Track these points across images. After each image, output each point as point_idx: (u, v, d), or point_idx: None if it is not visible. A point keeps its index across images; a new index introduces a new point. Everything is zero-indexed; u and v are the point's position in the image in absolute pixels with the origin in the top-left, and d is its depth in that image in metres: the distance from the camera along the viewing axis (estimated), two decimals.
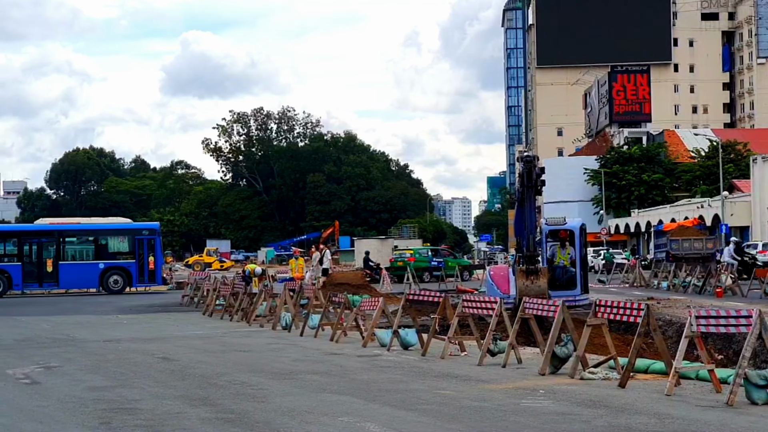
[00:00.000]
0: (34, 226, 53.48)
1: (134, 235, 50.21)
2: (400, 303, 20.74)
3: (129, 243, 49.69)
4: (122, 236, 50.67)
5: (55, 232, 49.67)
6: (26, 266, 47.69)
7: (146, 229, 51.78)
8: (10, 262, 47.80)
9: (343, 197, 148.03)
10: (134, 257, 48.80)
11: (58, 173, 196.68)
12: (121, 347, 21.28)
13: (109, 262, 48.79)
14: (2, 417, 11.73)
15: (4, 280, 46.90)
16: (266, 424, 11.06)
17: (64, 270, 47.78)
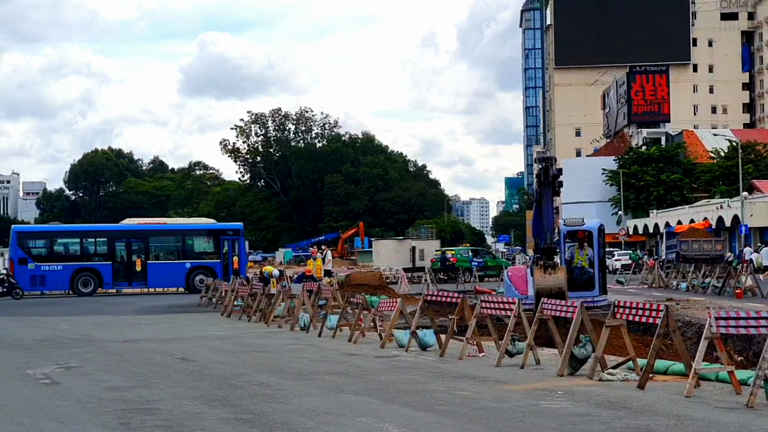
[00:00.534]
0: (123, 226, 54.27)
1: (219, 235, 51.27)
2: (418, 304, 20.71)
3: (214, 243, 50.72)
4: (207, 236, 51.75)
5: (144, 232, 50.90)
6: (116, 265, 48.90)
7: (230, 230, 52.86)
8: (101, 261, 48.87)
9: (361, 198, 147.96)
10: (219, 257, 49.89)
11: (76, 174, 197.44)
12: (140, 348, 21.33)
13: (195, 262, 49.76)
14: (23, 417, 11.78)
15: (95, 279, 48.02)
16: (285, 424, 11.07)
17: (152, 269, 48.76)
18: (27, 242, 49.27)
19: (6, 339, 23.98)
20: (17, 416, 11.83)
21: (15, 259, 47.49)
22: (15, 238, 48.66)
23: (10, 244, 49.03)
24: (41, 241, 50.38)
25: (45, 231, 55.80)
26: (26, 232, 52.51)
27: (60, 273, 47.59)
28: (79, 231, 56.42)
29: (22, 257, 47.70)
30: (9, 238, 50.41)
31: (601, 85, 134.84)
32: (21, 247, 48.42)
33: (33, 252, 48.45)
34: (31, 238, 50.73)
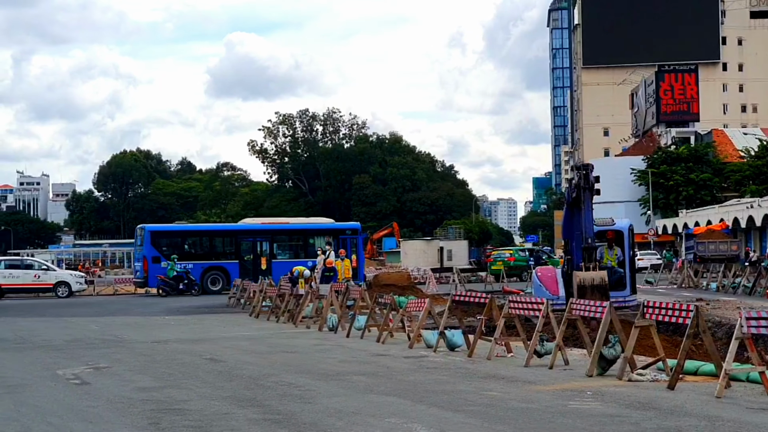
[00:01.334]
0: (250, 225, 55.87)
1: (338, 234, 52.18)
2: (447, 304, 20.68)
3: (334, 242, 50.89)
4: (327, 235, 52.55)
5: (269, 231, 52.67)
6: (243, 264, 50.08)
7: (349, 229, 54.06)
8: (229, 260, 50.17)
9: (389, 198, 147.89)
10: None
11: (105, 176, 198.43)
12: (169, 348, 21.41)
13: (316, 260, 49.60)
14: (53, 417, 11.84)
15: (223, 277, 49.05)
16: (313, 425, 11.07)
17: (276, 267, 49.28)
18: (160, 241, 50.52)
19: (36, 339, 24.13)
20: (48, 416, 11.90)
21: (149, 257, 48.67)
22: (149, 237, 49.88)
23: (144, 243, 49.80)
24: (173, 239, 52.19)
25: (177, 230, 58.27)
26: (159, 231, 53.29)
27: (192, 271, 48.66)
28: (208, 230, 58.11)
29: (156, 256, 48.95)
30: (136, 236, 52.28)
31: (630, 84, 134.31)
32: (154, 245, 49.57)
33: (165, 251, 49.54)
34: (164, 237, 52.14)
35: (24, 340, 24.13)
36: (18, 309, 39.07)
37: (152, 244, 49.62)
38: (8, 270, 48.78)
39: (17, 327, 28.63)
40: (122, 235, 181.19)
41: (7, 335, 25.54)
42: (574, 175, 23.25)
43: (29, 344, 22.87)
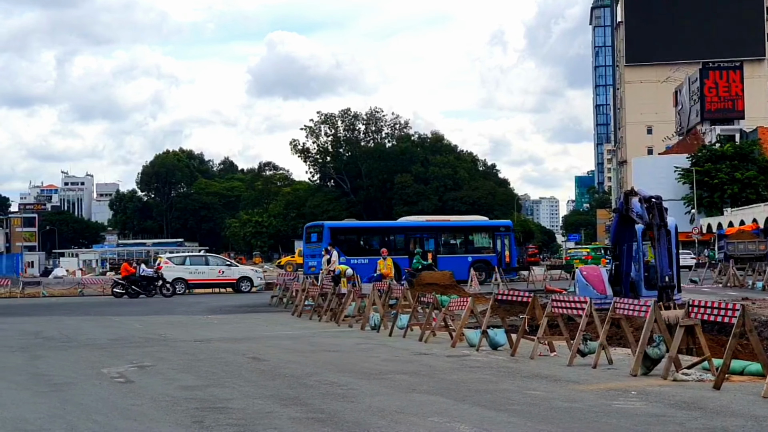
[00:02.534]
0: (417, 222, 58.80)
1: (494, 231, 54.91)
2: (489, 303, 20.64)
3: (490, 238, 54.07)
4: (485, 232, 55.45)
5: (435, 228, 55.22)
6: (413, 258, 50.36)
7: (503, 226, 56.46)
8: (399, 256, 50.87)
9: (431, 197, 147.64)
10: (494, 251, 53.08)
11: (148, 175, 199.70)
12: (212, 347, 21.50)
13: (475, 256, 53.06)
14: (98, 415, 11.92)
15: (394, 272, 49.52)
16: (356, 424, 11.07)
17: (442, 262, 51.08)
18: (340, 237, 52.70)
19: (81, 338, 24.32)
20: (93, 414, 11.98)
21: None
22: (328, 234, 51.93)
23: (324, 239, 51.45)
24: (350, 236, 54.51)
25: (353, 227, 60.54)
26: (337, 228, 55.67)
27: (366, 266, 49.33)
28: (381, 227, 61.10)
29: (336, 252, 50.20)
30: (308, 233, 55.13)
31: (673, 82, 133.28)
32: (334, 242, 51.01)
33: (345, 247, 51.45)
34: (342, 233, 54.35)
35: (69, 338, 24.33)
36: (64, 308, 39.42)
37: (332, 240, 51.30)
38: (194, 266, 50.75)
39: (63, 326, 28.89)
40: (165, 234, 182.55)
41: (53, 334, 25.77)
42: (640, 206, 23.02)
43: (74, 343, 23.05)
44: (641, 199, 23.07)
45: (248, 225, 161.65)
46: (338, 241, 51.58)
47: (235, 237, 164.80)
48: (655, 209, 22.63)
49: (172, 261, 51.84)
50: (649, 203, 22.77)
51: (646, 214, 22.67)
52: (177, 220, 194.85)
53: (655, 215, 22.49)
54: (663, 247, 22.54)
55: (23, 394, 14.09)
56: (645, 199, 23.01)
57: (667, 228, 22.76)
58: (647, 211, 22.67)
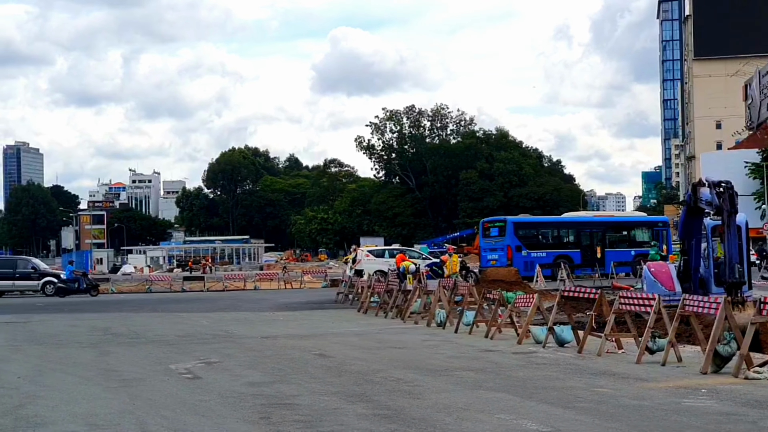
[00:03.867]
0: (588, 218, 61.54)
1: (653, 226, 56.91)
2: (555, 300, 20.49)
3: (648, 233, 55.36)
4: (645, 227, 57.47)
5: (602, 223, 57.31)
6: (584, 252, 53.63)
7: (661, 222, 59.12)
8: (572, 249, 54.00)
9: (496, 194, 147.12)
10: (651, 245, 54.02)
11: (214, 173, 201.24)
12: (278, 344, 21.60)
13: (637, 250, 53.67)
14: (167, 410, 12.02)
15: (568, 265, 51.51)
16: (422, 420, 11.04)
17: (609, 256, 52.87)
18: (520, 232, 53.97)
19: (149, 335, 24.57)
20: (161, 410, 12.09)
21: (513, 246, 51.81)
22: (512, 228, 53.45)
23: (507, 234, 53.09)
24: (531, 230, 55.90)
25: (532, 222, 62.24)
26: (520, 223, 56.87)
27: (545, 259, 51.62)
28: (556, 222, 62.04)
29: (518, 245, 52.30)
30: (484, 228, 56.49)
31: (743, 75, 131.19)
32: (516, 236, 53.00)
33: (525, 241, 52.97)
34: (523, 228, 55.58)
35: (137, 335, 24.59)
36: (132, 304, 39.87)
37: (515, 234, 53.10)
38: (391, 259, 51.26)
39: (131, 322, 29.22)
40: (231, 231, 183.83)
41: (122, 330, 26.07)
42: (709, 192, 22.64)
43: (143, 339, 23.29)
44: (711, 184, 22.66)
45: (314, 222, 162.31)
46: (519, 235, 53.32)
47: (301, 234, 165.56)
48: (725, 194, 22.21)
49: (372, 254, 53.83)
50: (719, 188, 22.36)
51: (716, 198, 22.26)
52: (243, 217, 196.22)
53: (726, 200, 22.07)
54: (733, 236, 22.15)
55: (94, 389, 14.26)
56: (715, 184, 22.59)
57: (737, 214, 22.32)
58: (717, 196, 22.27)
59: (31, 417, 11.65)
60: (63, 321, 30.46)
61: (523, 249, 51.97)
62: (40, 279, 50.97)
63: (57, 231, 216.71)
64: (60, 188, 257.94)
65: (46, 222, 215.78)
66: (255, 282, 57.29)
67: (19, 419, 11.51)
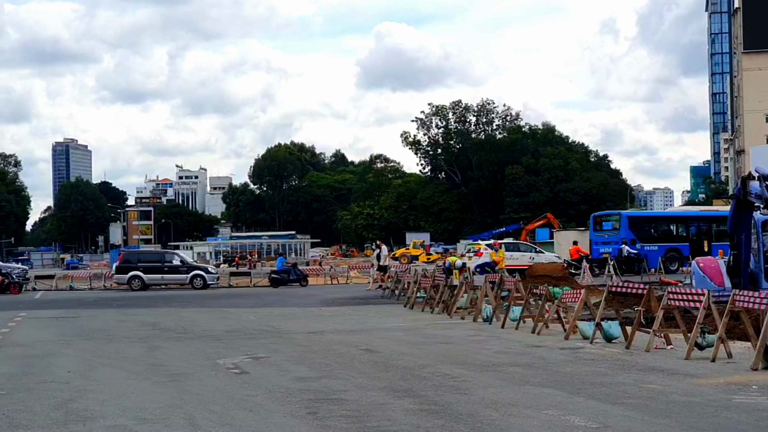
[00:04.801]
0: (696, 212, 63.42)
1: None
2: (603, 295, 20.38)
3: None
4: None
5: (708, 217, 57.74)
6: (692, 246, 54.02)
7: None
8: (681, 243, 54.66)
9: (542, 189, 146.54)
10: None
11: (260, 168, 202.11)
12: (325, 339, 21.65)
13: None
14: (215, 405, 12.09)
15: (678, 258, 52.86)
16: (469, 416, 11.02)
17: (715, 249, 52.13)
18: (634, 225, 55.01)
19: (197, 330, 24.72)
20: (210, 404, 12.16)
21: (627, 239, 52.22)
22: (626, 222, 54.55)
23: (622, 228, 54.31)
24: (643, 224, 57.05)
25: (645, 216, 65.58)
26: (634, 217, 58.27)
27: (656, 252, 52.26)
28: (667, 216, 63.99)
29: (632, 238, 52.93)
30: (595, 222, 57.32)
31: None
32: (631, 229, 54.05)
33: (638, 234, 53.92)
34: (637, 222, 56.69)
35: (185, 330, 24.75)
36: (179, 299, 40.13)
37: (629, 228, 54.06)
38: (509, 252, 52.84)
39: (179, 317, 29.42)
40: (277, 227, 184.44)
41: (170, 325, 26.26)
42: (759, 185, 22.36)
43: (190, 334, 23.44)
44: (760, 177, 22.38)
45: (360, 217, 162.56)
46: (633, 228, 54.17)
47: (347, 229, 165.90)
48: None
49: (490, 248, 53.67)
50: None
51: (766, 192, 22.00)
52: (289, 212, 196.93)
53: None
54: None
55: (142, 383, 14.37)
56: (764, 177, 22.32)
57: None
58: (767, 189, 22.00)
59: (81, 411, 11.77)
60: (112, 316, 30.75)
61: (637, 242, 52.53)
62: (188, 273, 51.37)
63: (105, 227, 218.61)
64: (108, 184, 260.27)
65: (94, 218, 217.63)
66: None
67: (69, 413, 11.64)
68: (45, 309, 35.42)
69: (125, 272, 51.41)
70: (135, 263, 52.32)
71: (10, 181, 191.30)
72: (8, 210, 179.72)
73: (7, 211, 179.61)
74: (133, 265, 52.07)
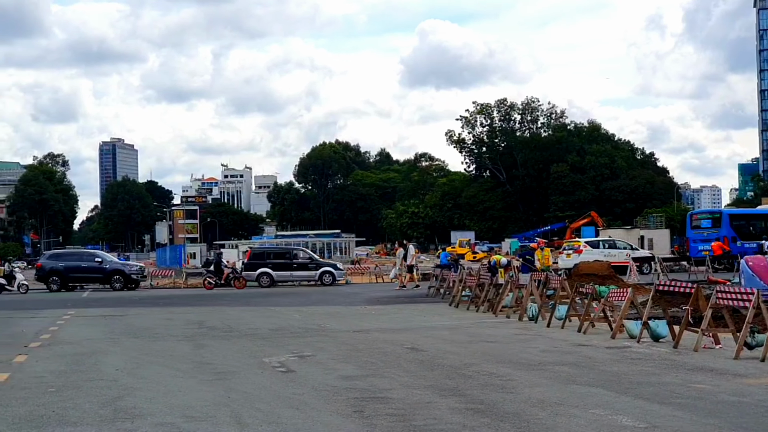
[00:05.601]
0: None
1: None
2: (650, 294, 20.23)
3: None
4: None
5: None
6: None
7: None
8: None
9: (587, 187, 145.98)
10: None
11: (305, 167, 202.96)
12: (371, 337, 21.66)
13: None
14: (261, 403, 12.13)
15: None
16: (515, 415, 10.98)
17: None
18: (734, 223, 57.13)
19: (243, 328, 24.81)
20: (256, 402, 12.20)
21: (729, 237, 54.24)
22: (727, 220, 56.93)
23: (723, 225, 56.39)
24: (743, 222, 59.07)
25: (746, 213, 67.41)
26: (734, 215, 60.65)
27: (754, 249, 52.10)
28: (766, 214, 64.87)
29: (733, 236, 55.04)
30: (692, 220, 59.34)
31: None
32: (731, 227, 56.14)
33: (738, 231, 56.04)
34: (737, 219, 58.89)
35: (231, 328, 24.85)
36: (225, 298, 40.35)
37: (730, 225, 55.96)
38: (608, 250, 54.49)
39: (225, 316, 29.54)
40: (322, 225, 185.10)
41: (217, 324, 26.37)
42: None
43: (236, 333, 23.52)
44: None
45: (404, 216, 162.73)
46: (733, 226, 55.83)
47: (392, 228, 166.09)
48: None
49: (590, 245, 55.94)
50: None
51: None
52: (334, 211, 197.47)
53: None
54: None
55: (189, 381, 14.45)
56: None
57: None
58: None
59: (129, 408, 11.86)
60: (158, 314, 30.95)
61: (737, 240, 54.06)
62: (317, 269, 51.50)
63: (151, 226, 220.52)
64: (154, 183, 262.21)
65: (140, 217, 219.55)
66: (346, 276, 57.51)
67: (118, 410, 11.72)
68: (93, 307, 35.74)
69: (254, 269, 51.17)
70: (264, 260, 52.03)
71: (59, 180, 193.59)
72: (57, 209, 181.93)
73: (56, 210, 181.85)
74: (262, 262, 51.76)
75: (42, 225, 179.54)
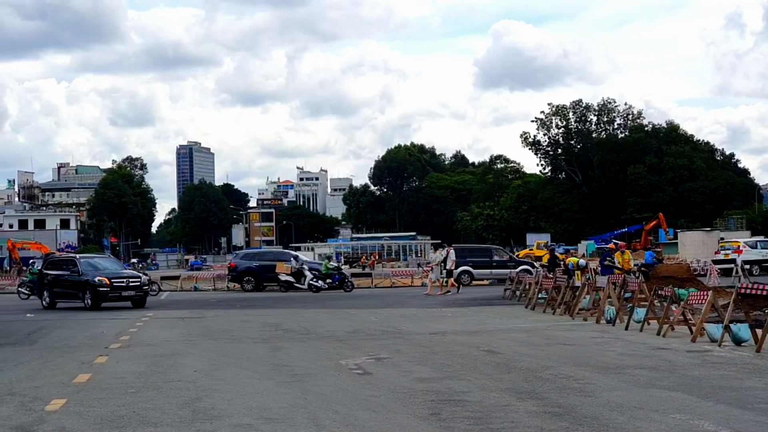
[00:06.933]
0: None
1: None
2: (731, 297, 19.91)
3: None
4: None
5: None
6: None
7: None
8: None
9: (665, 189, 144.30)
10: None
11: (381, 170, 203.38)
12: (447, 340, 21.61)
13: None
14: (338, 405, 12.15)
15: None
16: (594, 419, 10.86)
17: None
18: None
19: (319, 330, 24.91)
20: (333, 404, 12.22)
21: None
22: None
23: None
24: None
25: None
26: None
27: None
28: None
29: None
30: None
31: None
32: None
33: None
34: None
35: (308, 331, 24.96)
36: (301, 301, 40.58)
37: None
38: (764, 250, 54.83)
39: (301, 318, 29.69)
40: (397, 228, 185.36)
41: (293, 326, 26.50)
42: None
43: (313, 335, 23.62)
44: None
45: (480, 218, 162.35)
46: None
47: (467, 230, 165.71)
48: None
49: (748, 245, 55.97)
50: None
51: None
52: (409, 213, 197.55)
53: None
54: None
55: (267, 383, 14.53)
56: None
57: None
58: None
59: (208, 409, 11.95)
60: (235, 317, 31.20)
61: None
62: (516, 267, 51.32)
63: (227, 228, 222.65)
64: (230, 186, 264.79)
65: (217, 220, 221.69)
66: (422, 278, 57.48)
67: (197, 411, 11.83)
68: (170, 309, 36.18)
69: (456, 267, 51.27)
70: (464, 258, 51.50)
71: (137, 183, 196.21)
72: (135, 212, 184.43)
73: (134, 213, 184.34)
74: (464, 260, 51.18)
75: (121, 228, 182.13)
